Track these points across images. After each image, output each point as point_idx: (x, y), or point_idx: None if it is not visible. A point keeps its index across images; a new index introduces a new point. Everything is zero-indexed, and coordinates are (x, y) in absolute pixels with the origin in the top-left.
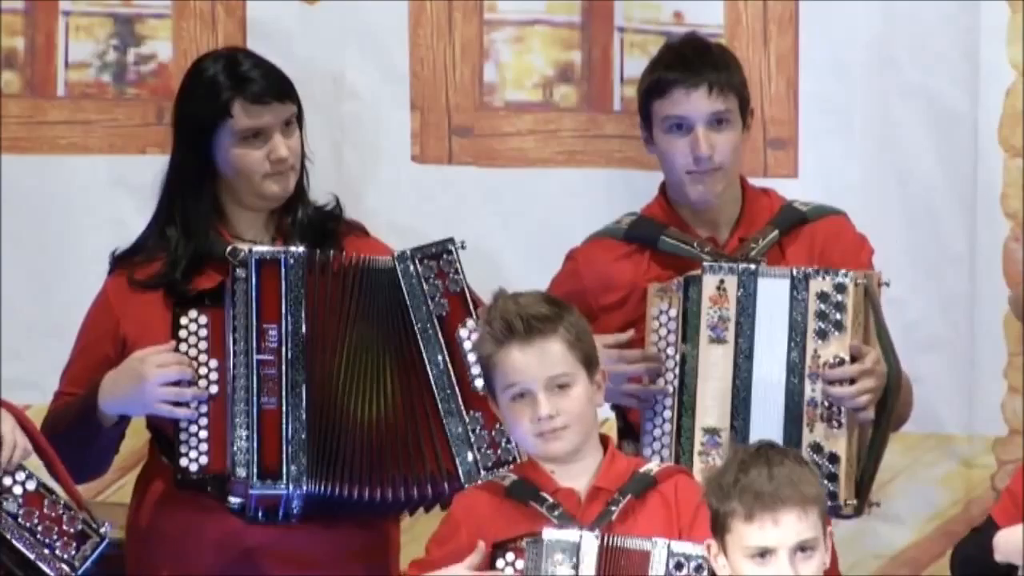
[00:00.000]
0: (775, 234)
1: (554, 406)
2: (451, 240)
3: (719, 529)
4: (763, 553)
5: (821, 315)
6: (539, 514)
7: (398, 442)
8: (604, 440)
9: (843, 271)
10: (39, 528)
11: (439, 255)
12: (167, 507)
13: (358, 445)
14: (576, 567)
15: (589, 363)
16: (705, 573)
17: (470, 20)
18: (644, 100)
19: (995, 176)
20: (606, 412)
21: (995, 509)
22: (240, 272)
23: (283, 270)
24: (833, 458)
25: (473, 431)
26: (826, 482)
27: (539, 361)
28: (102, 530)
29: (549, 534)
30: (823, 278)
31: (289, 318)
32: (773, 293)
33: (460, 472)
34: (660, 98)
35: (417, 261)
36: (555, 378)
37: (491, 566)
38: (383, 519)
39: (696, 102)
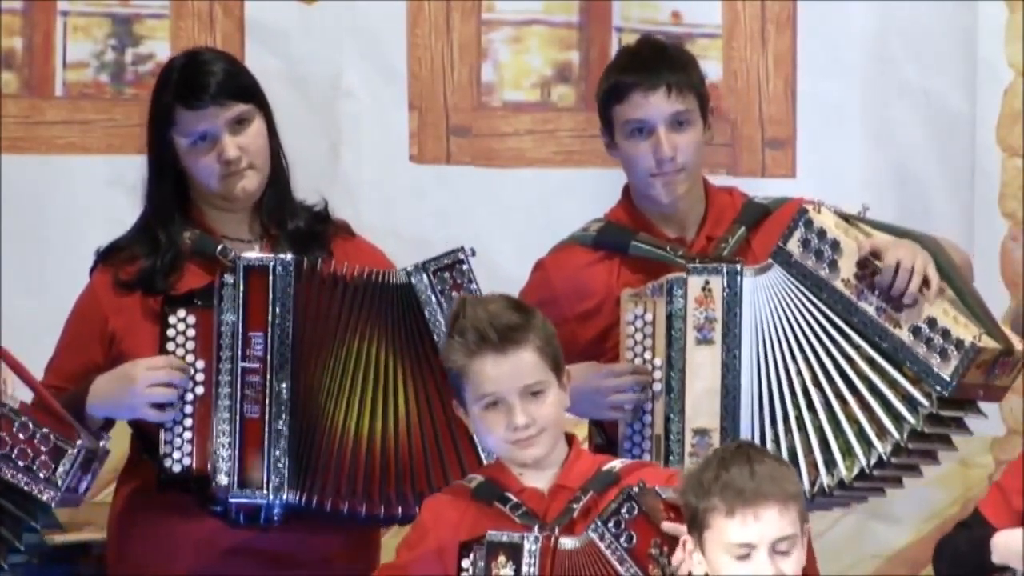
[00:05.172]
0: (743, 231)
1: (529, 415)
2: (461, 250)
3: (697, 526)
4: (744, 550)
5: (818, 254)
6: (504, 515)
7: (408, 458)
8: (569, 438)
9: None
10: (14, 452)
11: (452, 266)
12: (149, 506)
13: (347, 459)
14: (518, 570)
15: (558, 367)
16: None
17: (468, 20)
18: (603, 105)
19: (993, 176)
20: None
21: (983, 503)
22: (228, 278)
23: (272, 278)
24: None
25: None
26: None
27: (513, 371)
28: (78, 442)
29: (491, 536)
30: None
31: (276, 327)
32: (760, 288)
33: None
34: (619, 103)
35: (431, 274)
36: (529, 387)
37: (458, 566)
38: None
39: (655, 104)
